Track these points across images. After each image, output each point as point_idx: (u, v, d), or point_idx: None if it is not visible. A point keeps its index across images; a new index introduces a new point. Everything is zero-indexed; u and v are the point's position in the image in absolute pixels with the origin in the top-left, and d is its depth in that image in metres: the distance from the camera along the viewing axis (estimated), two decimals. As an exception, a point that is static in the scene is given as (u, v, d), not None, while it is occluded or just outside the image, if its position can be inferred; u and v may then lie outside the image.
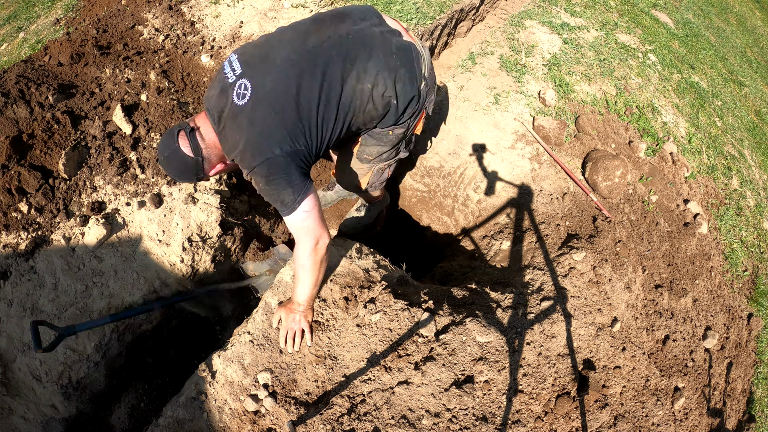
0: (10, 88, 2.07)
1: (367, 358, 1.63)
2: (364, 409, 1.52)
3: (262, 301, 1.77)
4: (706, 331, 2.29)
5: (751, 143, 3.66)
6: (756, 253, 2.84)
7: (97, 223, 1.92)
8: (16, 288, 1.82)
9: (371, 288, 1.80)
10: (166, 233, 1.98)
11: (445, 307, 1.80)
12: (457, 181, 2.73)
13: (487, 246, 2.51)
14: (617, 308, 2.02)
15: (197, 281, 2.06)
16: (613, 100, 2.96)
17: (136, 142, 2.18)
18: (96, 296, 1.87)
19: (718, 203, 2.88)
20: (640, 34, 3.73)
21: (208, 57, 2.71)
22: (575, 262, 2.10)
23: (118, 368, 1.93)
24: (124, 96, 2.32)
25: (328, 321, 1.71)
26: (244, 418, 1.52)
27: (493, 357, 1.67)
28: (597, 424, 1.66)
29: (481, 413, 1.55)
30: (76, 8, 3.29)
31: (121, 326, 1.89)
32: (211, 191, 2.11)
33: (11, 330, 1.78)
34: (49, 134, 2.03)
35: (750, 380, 2.43)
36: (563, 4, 3.65)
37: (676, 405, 1.90)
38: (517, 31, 3.24)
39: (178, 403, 1.56)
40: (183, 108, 2.45)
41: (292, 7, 2.85)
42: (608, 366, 1.83)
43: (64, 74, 2.35)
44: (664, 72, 3.47)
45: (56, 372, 1.78)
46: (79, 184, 2.02)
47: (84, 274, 1.88)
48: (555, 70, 2.98)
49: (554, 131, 2.68)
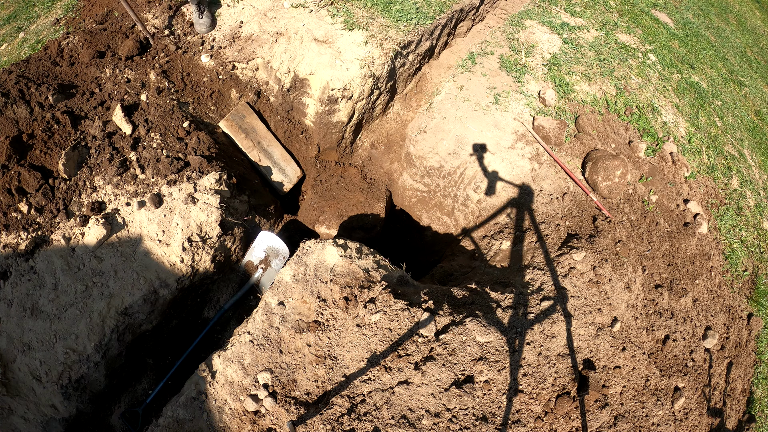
0: (10, 88, 2.07)
1: (367, 358, 1.62)
2: (364, 408, 1.52)
3: (262, 301, 1.77)
4: (706, 330, 2.29)
5: (751, 143, 3.66)
6: (756, 253, 2.84)
7: (97, 223, 1.92)
8: (16, 288, 1.82)
9: (371, 288, 1.80)
10: (166, 233, 1.98)
11: (445, 307, 1.80)
12: (457, 181, 2.73)
13: (487, 246, 2.50)
14: (617, 308, 2.02)
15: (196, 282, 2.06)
16: (613, 100, 2.95)
17: (136, 142, 2.18)
18: (96, 296, 1.87)
19: (718, 203, 2.88)
20: (640, 34, 3.73)
21: (207, 57, 2.71)
22: (575, 262, 2.10)
23: (118, 368, 1.93)
24: (124, 96, 2.32)
25: (328, 321, 1.71)
26: (244, 418, 1.52)
27: (493, 357, 1.67)
28: (597, 424, 1.66)
29: (481, 413, 1.55)
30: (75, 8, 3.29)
31: (121, 326, 1.89)
32: (211, 191, 2.11)
33: (11, 330, 1.78)
34: (49, 134, 2.03)
35: (750, 380, 2.43)
36: (563, 4, 3.65)
37: (676, 405, 1.90)
38: (517, 31, 3.24)
39: (178, 403, 1.56)
40: (183, 108, 2.45)
41: (292, 7, 2.85)
42: (608, 366, 1.83)
43: (64, 74, 2.35)
44: (664, 72, 3.47)
45: (56, 372, 1.78)
46: (79, 184, 2.02)
47: (84, 274, 1.88)
48: (555, 70, 2.98)
49: (554, 131, 2.68)
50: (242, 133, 2.43)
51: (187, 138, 2.29)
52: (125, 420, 1.83)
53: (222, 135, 2.56)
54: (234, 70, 2.75)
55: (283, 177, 2.70)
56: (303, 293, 1.76)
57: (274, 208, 2.52)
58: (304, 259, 1.86)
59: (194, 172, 2.15)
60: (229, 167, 2.30)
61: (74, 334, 1.81)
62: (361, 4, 2.90)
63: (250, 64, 2.76)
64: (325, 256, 1.87)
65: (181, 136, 2.28)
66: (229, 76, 2.74)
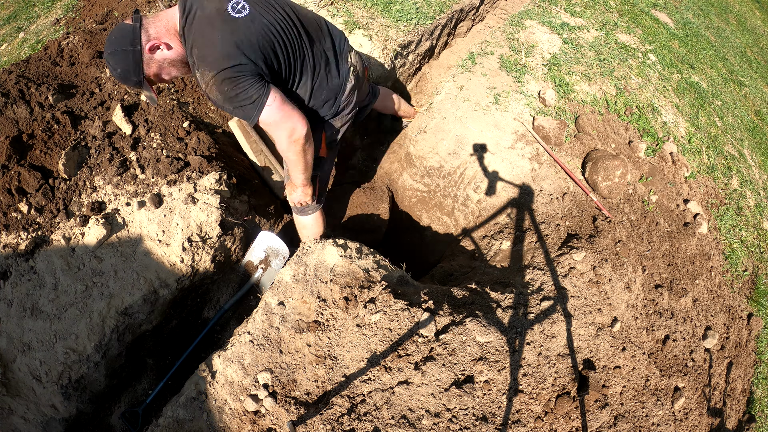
0: (10, 88, 2.07)
1: (367, 358, 1.63)
2: (364, 409, 1.52)
3: (262, 301, 1.77)
4: (706, 330, 2.29)
5: (751, 143, 3.66)
6: (756, 252, 2.84)
7: (97, 223, 1.92)
8: (16, 288, 1.82)
9: (371, 288, 1.80)
10: (166, 233, 1.98)
11: (445, 307, 1.80)
12: (457, 181, 2.73)
13: (487, 246, 2.51)
14: (617, 308, 2.02)
15: (196, 282, 2.06)
16: (613, 100, 2.95)
17: (136, 142, 2.18)
18: (96, 296, 1.87)
19: (718, 203, 2.88)
20: (640, 34, 3.73)
21: (208, 57, 2.70)
22: (575, 262, 2.10)
23: (118, 368, 1.93)
24: (124, 96, 2.32)
25: (328, 321, 1.71)
26: (244, 418, 1.52)
27: (493, 357, 1.67)
28: (597, 424, 1.66)
29: (481, 413, 1.55)
30: (75, 8, 3.29)
31: (121, 326, 1.89)
32: (211, 191, 2.11)
33: (11, 330, 1.78)
34: (49, 134, 2.03)
35: (750, 380, 2.43)
36: (563, 4, 3.65)
37: (676, 405, 1.90)
38: (517, 31, 3.24)
39: (178, 403, 1.56)
40: (183, 108, 2.45)
41: (292, 7, 2.85)
42: (608, 366, 1.83)
43: (64, 74, 2.35)
44: (664, 72, 3.47)
45: (56, 372, 1.78)
46: (79, 184, 2.02)
47: (84, 274, 1.88)
48: (555, 70, 2.98)
49: (554, 131, 2.68)
50: (251, 135, 2.44)
51: (187, 138, 2.29)
52: (125, 420, 1.83)
53: (222, 135, 2.56)
54: (234, 70, 2.74)
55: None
56: (303, 293, 1.76)
57: (274, 209, 2.52)
58: (304, 259, 1.87)
59: (194, 172, 2.15)
60: (229, 167, 2.30)
61: (74, 334, 1.81)
62: (361, 4, 2.90)
63: (250, 64, 2.75)
64: (325, 256, 1.88)
65: (181, 136, 2.28)
66: (229, 76, 2.73)
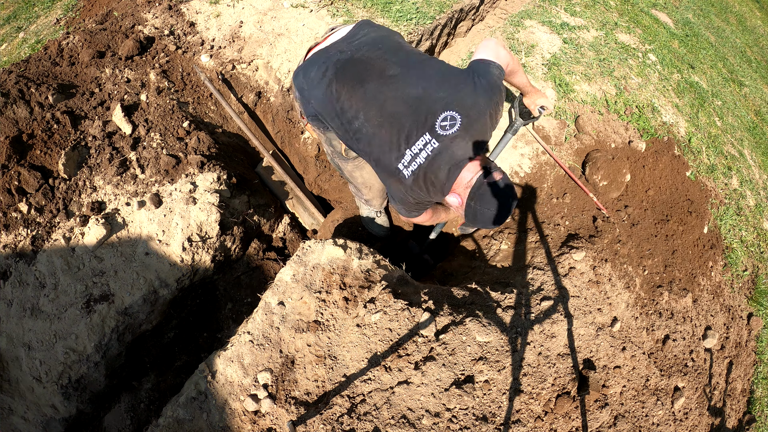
0: (10, 88, 2.07)
1: (367, 358, 1.62)
2: (364, 408, 1.52)
3: (262, 301, 1.77)
4: (706, 330, 2.29)
5: (751, 143, 3.66)
6: (756, 252, 2.84)
7: (97, 223, 1.92)
8: (16, 288, 1.82)
9: (371, 288, 1.80)
10: (166, 233, 1.98)
11: (445, 306, 1.80)
12: (457, 181, 2.73)
13: (487, 246, 2.51)
14: (617, 308, 2.02)
15: (196, 282, 2.06)
16: (612, 100, 2.95)
17: (136, 142, 2.18)
18: (96, 296, 1.87)
19: (718, 203, 2.87)
20: (640, 33, 3.72)
21: (207, 57, 2.71)
22: (575, 262, 2.10)
23: (118, 368, 1.93)
24: (124, 96, 2.32)
25: (328, 321, 1.71)
26: (244, 418, 1.52)
27: (493, 357, 1.67)
28: (597, 424, 1.66)
29: (481, 413, 1.55)
30: (75, 8, 3.29)
31: (121, 326, 1.89)
32: (211, 191, 2.11)
33: (11, 330, 1.78)
34: (49, 134, 2.03)
35: (750, 380, 2.43)
36: (563, 3, 3.65)
37: (676, 405, 1.90)
38: (516, 31, 3.24)
39: (178, 403, 1.56)
40: (183, 108, 2.45)
41: (292, 7, 2.85)
42: (608, 366, 1.83)
43: (64, 74, 2.35)
44: (663, 72, 3.46)
45: (56, 372, 1.78)
46: (78, 184, 2.02)
47: (84, 274, 1.88)
48: (555, 70, 2.98)
49: (554, 131, 2.68)
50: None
51: (187, 138, 2.29)
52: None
53: (222, 135, 2.56)
54: (234, 70, 2.75)
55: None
56: (303, 293, 1.76)
57: (275, 208, 2.52)
58: (304, 259, 1.86)
59: (194, 172, 2.15)
60: (229, 167, 2.30)
61: (74, 334, 1.81)
62: (361, 4, 2.90)
63: (251, 65, 2.76)
64: (325, 255, 1.87)
65: (181, 135, 2.28)
66: (229, 75, 2.74)
